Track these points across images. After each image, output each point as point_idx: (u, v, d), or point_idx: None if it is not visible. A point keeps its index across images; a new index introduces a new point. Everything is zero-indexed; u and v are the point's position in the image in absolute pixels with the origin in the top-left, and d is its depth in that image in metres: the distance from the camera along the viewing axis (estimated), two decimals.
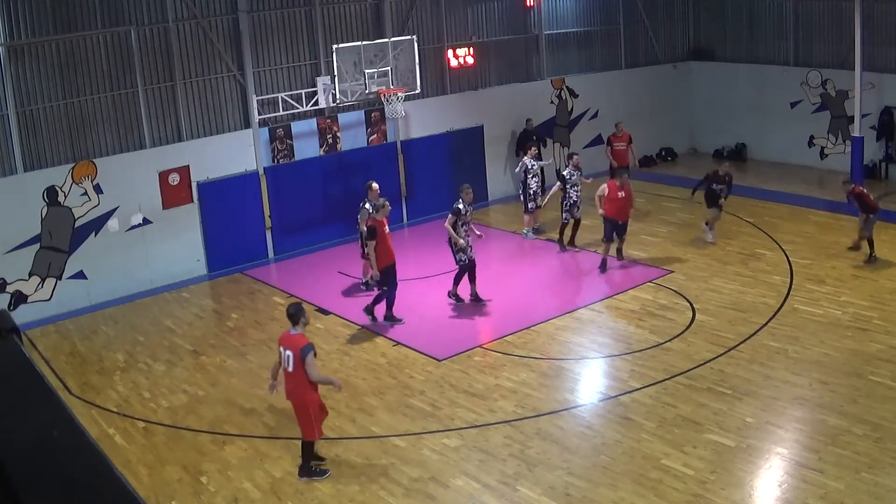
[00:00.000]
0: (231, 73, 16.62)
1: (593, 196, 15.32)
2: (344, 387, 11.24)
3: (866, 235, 14.41)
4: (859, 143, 18.57)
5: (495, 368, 11.52)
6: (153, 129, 15.87)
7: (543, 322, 12.93)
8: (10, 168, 14.40)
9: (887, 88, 19.43)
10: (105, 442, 10.03)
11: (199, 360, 12.61)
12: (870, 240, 14.38)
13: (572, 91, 21.83)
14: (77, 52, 14.87)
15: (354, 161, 18.06)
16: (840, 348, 11.33)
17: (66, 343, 13.67)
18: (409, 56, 17.01)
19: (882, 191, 19.14)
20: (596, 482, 8.58)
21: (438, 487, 8.73)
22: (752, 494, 8.28)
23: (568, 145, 21.97)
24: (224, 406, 11.01)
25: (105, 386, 11.90)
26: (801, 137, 21.67)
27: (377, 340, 12.77)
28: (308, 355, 8.64)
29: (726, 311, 12.88)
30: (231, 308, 14.73)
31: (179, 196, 16.08)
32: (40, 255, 14.59)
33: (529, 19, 21.09)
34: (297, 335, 8.81)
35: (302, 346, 8.65)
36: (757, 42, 22.72)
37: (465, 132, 19.76)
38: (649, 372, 11.00)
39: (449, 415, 10.27)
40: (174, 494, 8.93)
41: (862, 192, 14.48)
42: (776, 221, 17.23)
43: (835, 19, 20.78)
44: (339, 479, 9.01)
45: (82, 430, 1.53)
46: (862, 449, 8.77)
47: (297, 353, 8.65)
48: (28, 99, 14.48)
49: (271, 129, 17.15)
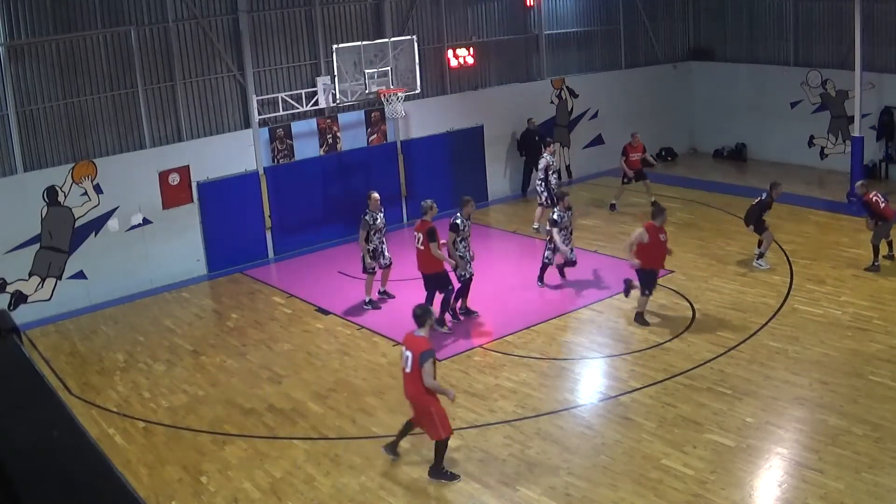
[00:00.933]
0: (231, 73, 16.62)
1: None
2: (344, 387, 11.27)
3: (873, 242, 14.16)
4: (859, 143, 18.56)
5: (495, 368, 11.51)
6: (153, 129, 15.87)
7: (543, 322, 12.93)
8: (10, 168, 14.40)
9: (887, 88, 19.43)
10: (105, 442, 10.03)
11: (199, 360, 12.61)
12: (875, 247, 14.15)
13: (572, 91, 21.83)
14: (77, 52, 14.87)
15: (354, 161, 18.06)
16: (840, 348, 11.33)
17: (66, 343, 13.67)
18: (409, 56, 17.01)
19: (882, 191, 19.07)
20: (596, 482, 8.58)
21: (438, 487, 8.72)
22: (752, 494, 8.28)
23: (568, 145, 21.99)
24: (224, 406, 11.01)
25: (105, 386, 11.90)
26: (801, 137, 21.67)
27: (377, 340, 12.77)
28: (427, 362, 8.41)
29: (726, 311, 12.88)
30: (231, 308, 14.73)
31: (179, 196, 16.08)
32: (40, 255, 14.60)
33: (529, 19, 21.10)
34: (420, 337, 8.60)
35: (423, 350, 8.46)
36: (757, 42, 22.72)
37: (465, 132, 19.76)
38: (649, 372, 11.00)
39: (449, 415, 10.25)
40: (174, 494, 8.93)
41: (869, 200, 14.04)
42: (776, 221, 17.18)
43: (835, 19, 20.78)
44: (339, 478, 9.01)
45: (82, 430, 1.53)
46: (862, 449, 8.76)
47: (417, 357, 8.47)
48: (28, 99, 14.49)
49: (271, 129, 17.15)
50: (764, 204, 14.62)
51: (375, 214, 13.66)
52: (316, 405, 10.80)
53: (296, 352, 12.61)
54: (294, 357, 12.43)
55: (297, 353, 12.54)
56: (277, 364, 12.20)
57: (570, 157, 22.14)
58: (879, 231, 14.09)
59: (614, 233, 17.27)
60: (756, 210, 14.66)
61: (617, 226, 17.82)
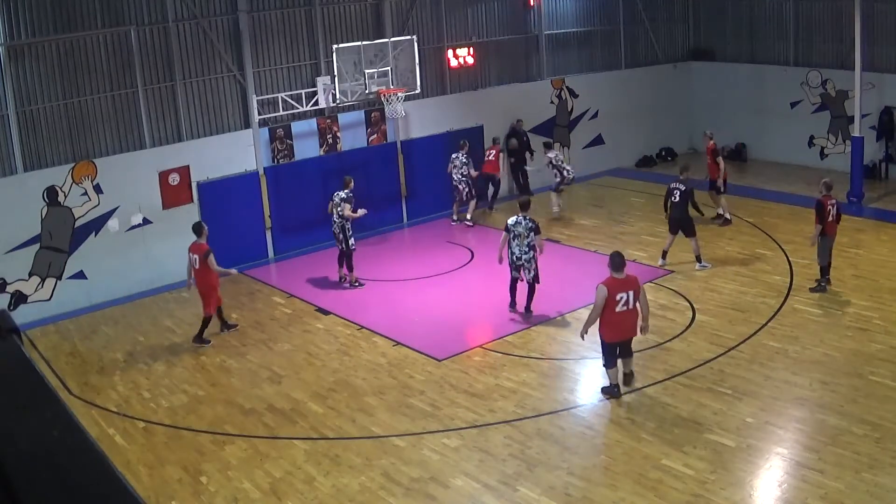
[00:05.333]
0: (231, 73, 16.63)
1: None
2: (344, 387, 11.28)
3: (819, 262, 13.27)
4: (859, 143, 18.56)
5: (495, 368, 11.51)
6: (153, 129, 15.88)
7: (543, 322, 12.93)
8: (10, 168, 14.41)
9: (887, 88, 19.43)
10: (105, 442, 10.03)
11: (199, 360, 12.61)
12: (822, 266, 13.28)
13: (572, 91, 21.83)
14: (77, 52, 14.87)
15: (354, 161, 18.05)
16: (840, 348, 11.32)
17: (66, 343, 13.67)
18: (409, 56, 17.02)
19: (882, 191, 19.16)
20: (596, 482, 8.58)
21: (438, 487, 8.72)
22: (752, 494, 8.28)
23: (568, 145, 21.99)
24: (224, 406, 11.01)
25: (105, 386, 11.90)
26: (801, 137, 21.67)
27: (377, 340, 12.77)
28: (643, 291, 10.05)
29: (726, 311, 12.88)
30: (231, 308, 14.70)
31: (179, 196, 16.08)
32: (40, 255, 14.60)
33: (529, 19, 21.10)
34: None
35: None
36: (757, 42, 22.72)
37: (465, 132, 19.76)
38: (649, 372, 10.99)
39: (449, 415, 10.27)
40: (174, 494, 8.93)
41: (824, 204, 13.09)
42: (776, 221, 17.23)
43: (835, 19, 20.78)
44: (339, 478, 9.01)
45: (82, 430, 1.53)
46: (862, 449, 8.76)
47: (637, 291, 9.88)
48: (28, 99, 14.49)
49: (271, 129, 17.15)
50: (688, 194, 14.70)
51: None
52: (316, 405, 10.80)
53: (296, 352, 12.61)
54: (294, 357, 12.42)
55: (296, 353, 12.54)
56: (277, 364, 12.20)
57: (570, 157, 22.12)
58: (822, 247, 13.13)
59: (614, 233, 17.29)
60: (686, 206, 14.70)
61: (617, 226, 17.83)
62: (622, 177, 21.96)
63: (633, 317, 10.05)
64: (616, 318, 9.91)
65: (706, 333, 12.10)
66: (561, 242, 16.79)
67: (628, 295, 9.86)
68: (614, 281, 9.90)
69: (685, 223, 14.69)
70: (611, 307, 9.84)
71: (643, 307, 10.18)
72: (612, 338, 10.11)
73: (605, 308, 9.86)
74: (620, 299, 9.82)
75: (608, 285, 9.85)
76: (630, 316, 10.01)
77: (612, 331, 10.04)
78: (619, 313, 9.88)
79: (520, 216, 12.99)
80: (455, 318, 13.50)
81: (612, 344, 10.17)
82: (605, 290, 9.83)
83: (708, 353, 11.41)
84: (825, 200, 13.13)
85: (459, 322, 13.39)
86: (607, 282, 9.91)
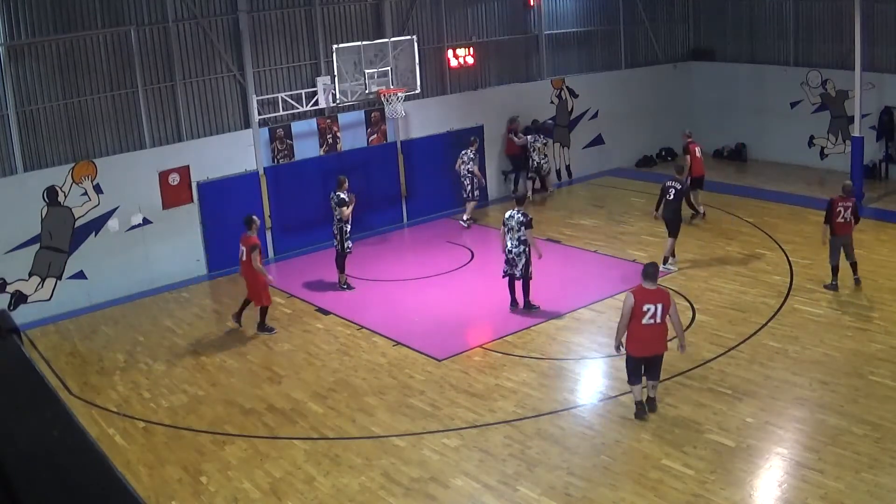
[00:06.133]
0: (231, 73, 16.62)
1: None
2: (344, 387, 11.28)
3: (830, 262, 13.32)
4: (859, 143, 18.56)
5: (495, 368, 11.51)
6: (153, 129, 15.88)
7: (543, 322, 12.93)
8: (10, 168, 14.40)
9: (887, 88, 19.43)
10: (105, 442, 10.03)
11: (199, 360, 12.61)
12: (833, 267, 13.33)
13: (572, 91, 21.83)
14: (77, 52, 14.87)
15: (354, 161, 18.05)
16: (840, 348, 11.33)
17: (66, 343, 13.66)
18: (409, 56, 17.02)
19: (882, 191, 19.16)
20: (596, 482, 8.58)
21: (438, 487, 8.72)
22: (752, 494, 8.28)
23: (568, 145, 21.99)
24: (224, 406, 11.01)
25: (105, 386, 11.89)
26: (801, 137, 21.67)
27: (377, 340, 12.77)
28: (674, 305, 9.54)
29: (726, 311, 12.88)
30: (231, 308, 14.69)
31: (179, 196, 16.08)
32: (40, 255, 14.60)
33: (529, 19, 21.10)
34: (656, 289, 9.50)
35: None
36: (757, 42, 22.72)
37: (465, 132, 19.75)
38: None
39: (449, 415, 10.27)
40: (174, 494, 8.93)
41: (834, 203, 13.26)
42: (776, 221, 17.22)
43: (835, 19, 20.78)
44: (339, 478, 9.01)
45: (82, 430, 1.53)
46: (862, 449, 8.76)
47: (668, 304, 9.42)
48: (28, 99, 14.49)
49: (271, 129, 17.15)
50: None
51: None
52: (316, 405, 10.80)
53: (296, 352, 12.61)
54: (294, 357, 12.43)
55: (296, 353, 12.54)
56: (277, 364, 12.20)
57: (570, 157, 22.13)
58: (832, 246, 13.25)
59: (614, 233, 17.29)
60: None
61: (617, 226, 17.83)
62: (622, 177, 21.95)
63: (661, 332, 9.52)
64: (643, 331, 9.42)
65: (706, 333, 12.10)
66: (561, 242, 16.80)
67: (656, 307, 9.33)
68: (642, 290, 9.45)
69: (673, 223, 14.71)
70: (637, 318, 9.37)
71: (675, 323, 9.62)
72: (638, 352, 9.60)
73: (631, 319, 9.41)
74: (647, 311, 9.32)
75: (635, 294, 9.44)
76: (658, 331, 9.48)
77: (637, 345, 9.55)
78: (645, 326, 9.38)
79: (514, 210, 13.20)
80: (455, 318, 13.50)
81: (637, 359, 9.66)
82: (632, 297, 9.40)
83: (708, 353, 11.41)
84: (837, 200, 13.28)
85: (459, 322, 13.38)
86: (635, 290, 9.52)
